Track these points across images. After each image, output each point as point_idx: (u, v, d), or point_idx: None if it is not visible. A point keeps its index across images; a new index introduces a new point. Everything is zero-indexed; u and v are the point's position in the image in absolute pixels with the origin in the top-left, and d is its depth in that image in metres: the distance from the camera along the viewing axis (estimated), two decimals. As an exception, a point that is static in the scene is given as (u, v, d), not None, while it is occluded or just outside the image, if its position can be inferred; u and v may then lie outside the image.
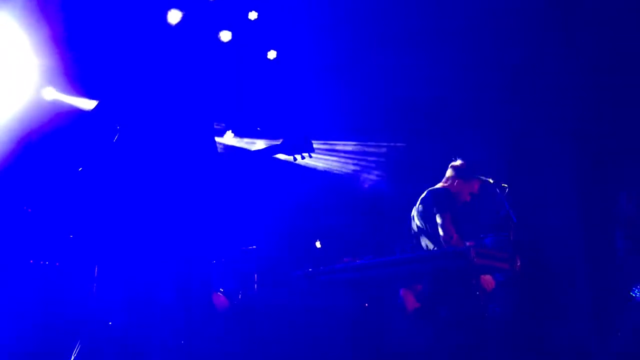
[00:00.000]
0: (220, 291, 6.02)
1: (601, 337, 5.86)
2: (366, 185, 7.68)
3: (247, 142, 7.64)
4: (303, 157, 3.42)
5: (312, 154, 3.39)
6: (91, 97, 6.28)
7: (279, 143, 3.40)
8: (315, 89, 7.63)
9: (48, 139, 5.86)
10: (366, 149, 7.93)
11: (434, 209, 4.65)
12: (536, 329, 6.16)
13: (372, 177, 7.81)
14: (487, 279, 4.48)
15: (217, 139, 3.69)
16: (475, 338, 3.61)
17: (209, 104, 3.60)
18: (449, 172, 4.95)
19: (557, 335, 6.31)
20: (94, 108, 3.20)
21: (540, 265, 5.98)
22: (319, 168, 7.81)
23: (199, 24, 6.92)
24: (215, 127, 7.27)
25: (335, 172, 7.87)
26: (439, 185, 4.90)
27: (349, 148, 7.93)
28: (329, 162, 7.94)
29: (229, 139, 7.53)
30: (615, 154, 6.68)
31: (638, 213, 6.51)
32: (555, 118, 7.15)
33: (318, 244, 4.74)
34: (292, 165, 7.77)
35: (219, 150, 3.48)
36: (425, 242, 4.65)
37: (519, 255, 4.21)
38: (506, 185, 4.44)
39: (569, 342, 5.60)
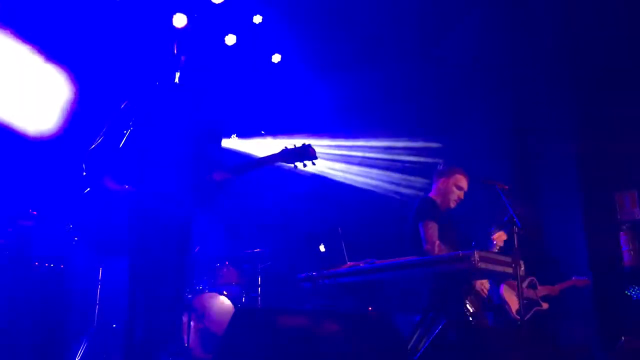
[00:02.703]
0: (224, 294, 6.04)
1: (604, 340, 5.87)
2: None
3: (251, 145, 7.66)
4: (305, 165, 3.42)
5: (315, 161, 3.40)
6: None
7: (279, 152, 3.41)
8: (320, 90, 7.66)
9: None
10: (368, 151, 7.95)
11: (416, 217, 4.57)
12: (538, 331, 6.16)
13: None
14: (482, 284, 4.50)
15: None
16: (477, 341, 3.62)
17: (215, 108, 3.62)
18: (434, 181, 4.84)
19: (561, 337, 6.31)
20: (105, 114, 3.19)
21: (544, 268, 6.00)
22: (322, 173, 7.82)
23: (205, 27, 6.96)
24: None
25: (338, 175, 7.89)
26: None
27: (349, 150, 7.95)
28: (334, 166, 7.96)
29: (233, 142, 7.56)
30: (620, 156, 6.69)
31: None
32: (557, 121, 7.16)
33: (322, 248, 4.75)
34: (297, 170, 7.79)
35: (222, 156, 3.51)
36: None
37: (522, 260, 4.22)
38: (507, 187, 4.44)
39: (573, 344, 5.61)
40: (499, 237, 4.58)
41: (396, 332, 3.66)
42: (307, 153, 3.39)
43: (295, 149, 3.40)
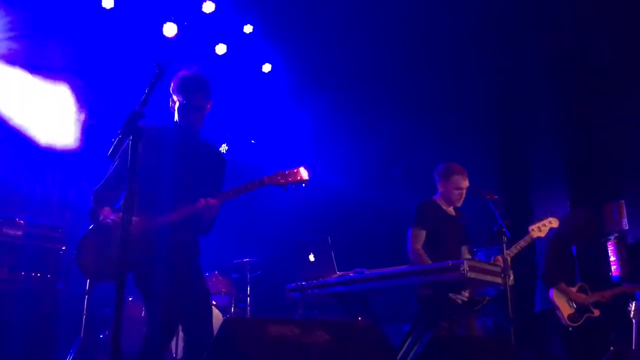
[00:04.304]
0: (213, 304, 6.00)
1: (593, 350, 5.86)
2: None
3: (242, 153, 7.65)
4: (295, 187, 3.42)
5: (305, 184, 3.40)
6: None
7: (269, 176, 3.40)
8: (307, 99, 7.68)
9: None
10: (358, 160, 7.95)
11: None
12: (529, 343, 6.16)
13: None
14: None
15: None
16: (467, 351, 3.62)
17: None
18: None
19: (550, 349, 6.31)
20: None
21: (531, 279, 6.00)
22: None
23: (195, 37, 6.97)
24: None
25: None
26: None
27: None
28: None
29: (224, 150, 7.54)
30: (607, 167, 6.75)
31: (629, 226, 6.55)
32: (545, 133, 7.22)
33: (311, 257, 4.74)
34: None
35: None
36: None
37: (511, 270, 4.22)
38: (497, 197, 4.46)
39: (562, 356, 5.61)
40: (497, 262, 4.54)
41: (386, 342, 3.65)
42: (299, 177, 3.39)
43: (287, 173, 3.40)
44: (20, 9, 5.93)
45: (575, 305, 5.41)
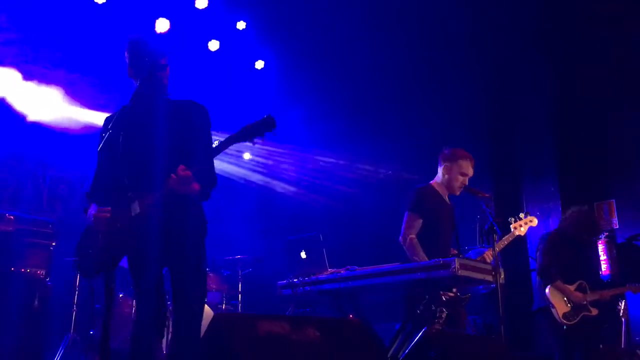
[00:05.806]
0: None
1: (583, 349, 5.90)
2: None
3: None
4: (263, 138, 3.23)
5: (274, 129, 3.24)
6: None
7: (238, 131, 3.23)
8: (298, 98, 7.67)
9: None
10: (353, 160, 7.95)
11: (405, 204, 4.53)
12: (518, 341, 6.19)
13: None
14: None
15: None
16: (457, 350, 3.63)
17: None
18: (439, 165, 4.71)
19: (539, 346, 6.35)
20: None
21: (523, 277, 6.02)
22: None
23: (188, 33, 6.95)
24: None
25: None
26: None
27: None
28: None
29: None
30: (599, 166, 6.78)
31: (619, 225, 6.60)
32: (538, 132, 7.25)
33: (303, 254, 4.74)
34: (279, 175, 7.79)
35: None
36: None
37: (502, 268, 4.23)
38: (488, 195, 4.44)
39: (550, 353, 5.63)
40: (488, 256, 4.50)
41: (376, 340, 3.66)
42: (266, 124, 3.22)
43: (255, 124, 3.23)
44: (13, 1, 5.89)
45: (571, 304, 5.36)
